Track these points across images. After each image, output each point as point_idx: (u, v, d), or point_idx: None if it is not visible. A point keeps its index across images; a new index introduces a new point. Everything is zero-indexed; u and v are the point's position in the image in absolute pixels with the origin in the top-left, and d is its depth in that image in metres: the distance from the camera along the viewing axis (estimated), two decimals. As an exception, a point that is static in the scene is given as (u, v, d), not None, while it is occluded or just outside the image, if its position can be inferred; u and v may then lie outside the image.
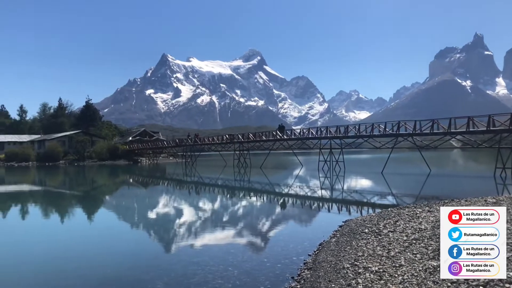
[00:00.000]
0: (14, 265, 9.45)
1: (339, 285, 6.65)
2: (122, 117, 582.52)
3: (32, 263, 9.64)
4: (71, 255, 10.31)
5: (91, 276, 8.37)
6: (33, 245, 11.68)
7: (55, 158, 72.36)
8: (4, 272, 8.87)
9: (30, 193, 29.06)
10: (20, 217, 17.90)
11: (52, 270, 8.93)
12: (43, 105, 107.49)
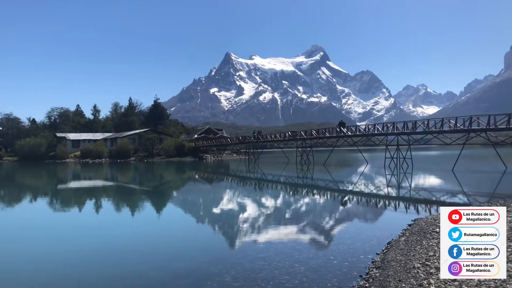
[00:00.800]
0: (99, 254, 10.01)
1: (409, 285, 6.43)
2: (188, 115, 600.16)
3: (112, 254, 10.17)
4: (144, 248, 10.76)
5: (166, 268, 8.70)
6: (108, 239, 12.31)
7: (126, 155, 75.92)
8: (95, 261, 9.44)
9: (103, 188, 30.69)
10: (94, 211, 18.94)
11: (129, 263, 9.36)
12: (115, 105, 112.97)
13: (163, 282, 7.67)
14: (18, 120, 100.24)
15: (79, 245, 11.05)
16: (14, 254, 10.32)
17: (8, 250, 10.70)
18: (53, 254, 10.17)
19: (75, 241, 11.63)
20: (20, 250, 10.71)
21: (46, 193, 27.99)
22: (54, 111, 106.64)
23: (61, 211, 19.33)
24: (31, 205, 21.41)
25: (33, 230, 13.83)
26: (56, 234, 12.94)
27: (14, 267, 9.07)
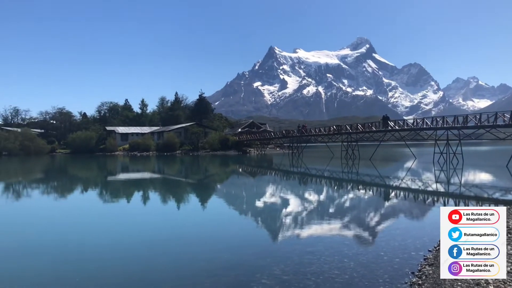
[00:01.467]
0: (148, 244, 10.28)
1: (466, 284, 6.18)
2: (231, 109, 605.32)
3: (160, 244, 10.37)
4: (192, 239, 10.94)
5: (215, 259, 8.76)
6: (155, 229, 12.60)
7: (172, 148, 77.58)
8: (143, 249, 9.71)
9: (151, 180, 31.49)
10: (142, 202, 19.44)
11: (178, 253, 9.52)
12: (161, 99, 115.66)
13: (212, 273, 7.73)
14: (70, 114, 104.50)
15: (127, 235, 11.37)
16: (64, 242, 10.72)
17: (60, 239, 11.13)
18: (102, 244, 10.49)
19: (123, 231, 11.97)
20: (70, 238, 11.13)
21: (97, 185, 29.03)
22: (104, 106, 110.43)
23: (111, 202, 19.97)
24: (82, 196, 22.26)
25: (83, 219, 14.35)
26: (106, 224, 13.38)
27: (66, 256, 9.42)
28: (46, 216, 15.31)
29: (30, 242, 10.66)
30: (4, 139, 79.65)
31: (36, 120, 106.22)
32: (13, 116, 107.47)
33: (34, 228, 12.65)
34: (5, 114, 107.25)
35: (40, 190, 25.96)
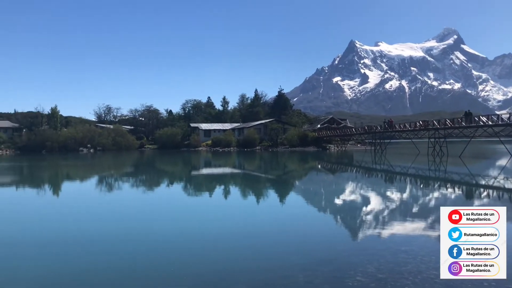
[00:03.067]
0: (230, 237, 10.39)
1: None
2: (310, 105, 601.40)
3: (246, 238, 10.48)
4: (278, 233, 10.90)
5: (308, 254, 8.72)
6: (238, 222, 12.73)
7: (252, 144, 78.69)
8: (227, 241, 9.83)
9: (231, 175, 32.08)
10: (223, 196, 19.79)
11: (266, 246, 9.52)
12: (242, 96, 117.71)
13: (306, 267, 7.68)
14: (157, 111, 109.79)
15: (214, 227, 11.59)
16: (145, 233, 11.12)
17: (147, 227, 11.58)
18: (190, 234, 10.79)
19: (209, 224, 12.22)
20: (152, 230, 11.54)
21: (181, 179, 30.14)
22: (188, 103, 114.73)
23: (194, 195, 20.55)
24: (168, 189, 23.19)
25: (170, 211, 14.90)
26: (191, 216, 13.75)
27: (158, 244, 9.74)
28: (135, 206, 16.08)
29: (121, 230, 11.24)
30: (99, 135, 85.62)
31: (127, 117, 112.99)
32: (106, 114, 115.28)
33: (124, 217, 13.29)
34: (99, 112, 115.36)
35: (130, 183, 27.48)
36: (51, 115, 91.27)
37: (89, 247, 9.53)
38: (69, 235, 10.81)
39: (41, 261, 8.43)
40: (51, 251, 9.24)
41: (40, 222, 13.01)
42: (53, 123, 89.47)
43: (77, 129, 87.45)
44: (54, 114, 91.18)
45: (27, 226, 12.20)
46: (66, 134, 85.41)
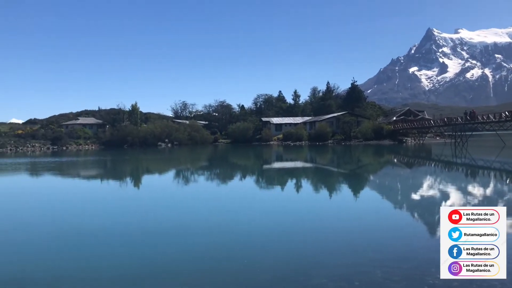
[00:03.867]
0: (311, 231, 10.46)
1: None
2: (385, 97, 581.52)
3: (323, 232, 10.46)
4: (352, 228, 10.78)
5: (385, 249, 8.57)
6: (314, 217, 12.70)
7: (324, 138, 77.91)
8: (303, 235, 9.93)
9: (303, 169, 32.04)
10: (295, 190, 19.81)
11: (343, 242, 9.48)
12: (313, 89, 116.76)
13: (383, 263, 7.51)
14: (230, 106, 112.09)
15: (288, 221, 11.67)
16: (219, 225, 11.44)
17: (220, 220, 11.92)
18: (262, 226, 10.94)
19: (282, 217, 12.33)
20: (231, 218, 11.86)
21: (254, 172, 30.62)
22: (260, 98, 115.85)
23: (266, 189, 20.79)
24: (241, 183, 23.65)
25: (243, 204, 15.20)
26: (264, 209, 13.90)
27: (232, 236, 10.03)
28: (211, 198, 16.61)
29: (199, 222, 11.66)
30: (175, 131, 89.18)
31: (201, 113, 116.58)
32: (182, 110, 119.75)
33: (201, 210, 13.79)
34: (176, 108, 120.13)
35: (205, 176, 28.42)
36: (132, 111, 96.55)
37: (168, 238, 10.02)
38: (149, 225, 11.44)
39: (125, 251, 9.01)
40: (132, 240, 9.83)
41: (121, 214, 13.86)
42: (134, 119, 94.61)
43: (156, 125, 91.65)
44: (134, 111, 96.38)
45: (112, 218, 13.05)
46: (145, 129, 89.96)
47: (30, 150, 78.79)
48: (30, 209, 14.83)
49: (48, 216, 13.36)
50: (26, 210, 14.71)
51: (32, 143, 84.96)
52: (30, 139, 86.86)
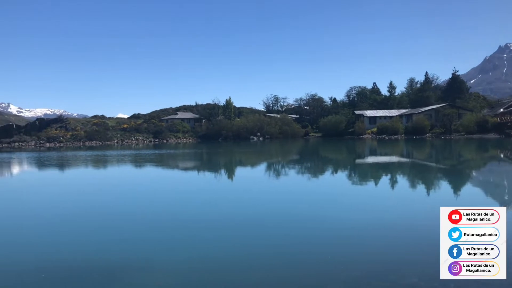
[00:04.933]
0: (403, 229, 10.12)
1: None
2: (490, 87, 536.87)
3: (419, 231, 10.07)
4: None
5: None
6: (405, 216, 12.20)
7: (422, 131, 74.25)
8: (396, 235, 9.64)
9: (398, 164, 30.78)
10: (390, 186, 19.09)
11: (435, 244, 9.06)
12: (410, 80, 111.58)
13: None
14: (321, 99, 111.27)
15: (382, 218, 11.33)
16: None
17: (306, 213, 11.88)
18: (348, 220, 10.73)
19: (374, 214, 11.97)
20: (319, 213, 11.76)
21: (346, 166, 30.07)
22: (353, 90, 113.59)
23: (359, 184, 20.31)
24: (333, 177, 23.36)
25: (334, 199, 15.00)
26: (355, 205, 13.61)
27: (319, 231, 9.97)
28: (303, 192, 16.64)
29: (293, 215, 11.76)
30: (267, 124, 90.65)
31: (292, 107, 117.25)
32: (274, 104, 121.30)
33: (295, 203, 13.88)
34: (267, 102, 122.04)
35: (295, 169, 28.51)
36: (226, 106, 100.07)
37: (258, 229, 10.25)
38: (239, 216, 11.82)
39: (220, 242, 9.41)
40: (221, 231, 10.22)
41: (216, 205, 14.39)
42: (228, 113, 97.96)
43: (248, 119, 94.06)
44: (228, 106, 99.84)
45: (208, 208, 13.63)
46: (238, 123, 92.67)
47: (134, 142, 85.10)
48: (130, 199, 15.98)
49: (146, 205, 14.29)
50: (126, 199, 15.89)
51: (136, 136, 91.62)
52: (134, 133, 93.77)
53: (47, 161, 38.10)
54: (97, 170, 30.41)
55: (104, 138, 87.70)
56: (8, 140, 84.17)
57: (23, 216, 12.65)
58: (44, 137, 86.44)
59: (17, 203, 15.30)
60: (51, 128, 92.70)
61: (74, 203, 14.74)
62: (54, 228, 10.80)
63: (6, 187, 22.30)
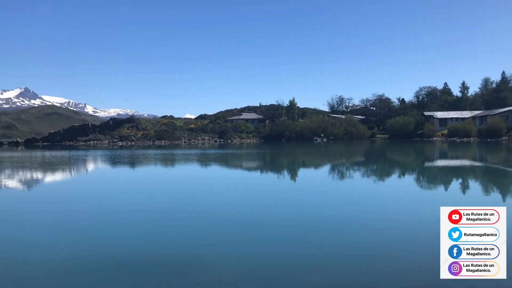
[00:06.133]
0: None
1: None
2: None
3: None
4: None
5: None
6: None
7: (497, 134, 70.11)
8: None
9: (471, 168, 29.21)
10: (460, 191, 18.18)
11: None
12: (485, 80, 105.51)
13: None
14: (388, 100, 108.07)
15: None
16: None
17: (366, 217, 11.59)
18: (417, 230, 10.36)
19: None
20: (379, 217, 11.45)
21: (413, 170, 29.02)
22: (422, 90, 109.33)
23: (428, 188, 19.51)
24: (400, 181, 22.64)
25: (402, 205, 14.55)
26: (418, 210, 13.11)
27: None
28: (366, 194, 16.29)
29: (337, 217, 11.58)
30: (331, 125, 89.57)
31: (358, 107, 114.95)
32: (338, 104, 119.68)
33: (357, 206, 13.65)
34: (332, 103, 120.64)
35: (360, 171, 27.94)
36: (289, 107, 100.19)
37: (324, 232, 10.21)
38: (303, 218, 11.82)
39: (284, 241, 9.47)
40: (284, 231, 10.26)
41: (283, 205, 14.48)
42: (291, 114, 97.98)
43: (312, 120, 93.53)
44: (292, 106, 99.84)
45: (272, 209, 13.75)
46: (302, 124, 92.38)
47: (200, 142, 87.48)
48: (195, 197, 16.46)
49: (212, 203, 14.66)
50: (192, 197, 16.39)
51: (202, 136, 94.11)
52: (200, 133, 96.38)
53: (118, 159, 40.18)
54: (165, 168, 31.63)
55: (172, 138, 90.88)
56: (84, 139, 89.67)
57: (95, 211, 13.49)
58: (117, 136, 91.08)
59: (90, 198, 16.33)
60: (123, 127, 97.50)
61: (143, 199, 15.49)
62: (124, 222, 11.40)
63: (79, 183, 23.84)
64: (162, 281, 6.80)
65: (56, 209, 13.68)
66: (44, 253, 8.55)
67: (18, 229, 10.80)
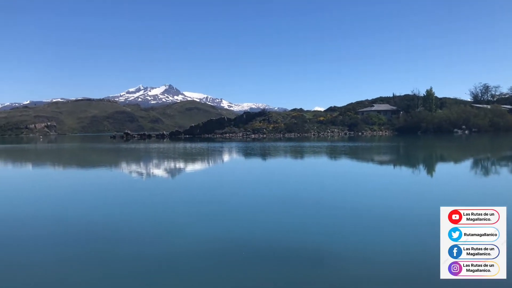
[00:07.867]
0: None
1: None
2: None
3: None
4: None
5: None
6: None
7: None
8: None
9: None
10: None
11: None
12: None
13: None
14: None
15: None
16: None
17: None
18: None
19: None
20: None
21: None
22: None
23: None
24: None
25: None
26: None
27: None
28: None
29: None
30: (474, 116, 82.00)
31: (506, 96, 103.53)
32: (483, 94, 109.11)
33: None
34: (475, 92, 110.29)
35: (508, 167, 25.11)
36: (426, 97, 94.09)
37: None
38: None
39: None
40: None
41: (417, 201, 13.71)
42: (428, 104, 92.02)
43: (452, 110, 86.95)
44: (429, 96, 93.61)
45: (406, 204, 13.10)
46: (440, 115, 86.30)
47: (329, 135, 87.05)
48: (316, 190, 16.36)
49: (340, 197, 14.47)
50: (312, 189, 16.33)
51: (332, 128, 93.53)
52: (330, 125, 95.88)
53: (250, 151, 41.93)
54: (294, 160, 32.11)
55: (302, 130, 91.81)
56: (221, 131, 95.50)
57: (237, 200, 14.26)
58: (249, 129, 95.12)
59: (210, 189, 17.33)
60: (256, 120, 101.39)
61: (269, 191, 15.95)
62: (254, 210, 11.85)
63: (208, 172, 25.45)
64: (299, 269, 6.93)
65: (204, 198, 14.80)
66: (211, 235, 9.28)
67: (172, 214, 11.90)
